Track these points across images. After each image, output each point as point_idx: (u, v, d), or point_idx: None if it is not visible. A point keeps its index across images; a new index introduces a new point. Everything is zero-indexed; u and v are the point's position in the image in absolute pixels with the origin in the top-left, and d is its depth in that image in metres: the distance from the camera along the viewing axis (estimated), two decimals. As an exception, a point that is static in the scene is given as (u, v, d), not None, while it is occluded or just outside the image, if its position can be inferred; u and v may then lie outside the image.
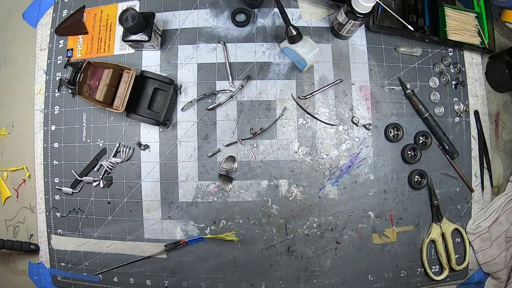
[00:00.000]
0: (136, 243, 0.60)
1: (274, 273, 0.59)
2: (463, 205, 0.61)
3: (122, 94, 0.55)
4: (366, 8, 0.50)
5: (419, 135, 0.60)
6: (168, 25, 0.61)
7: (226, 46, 0.60)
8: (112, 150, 0.60)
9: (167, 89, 0.57)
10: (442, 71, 0.62)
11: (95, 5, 0.63)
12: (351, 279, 0.59)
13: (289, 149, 0.59)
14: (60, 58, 0.63)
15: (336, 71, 0.60)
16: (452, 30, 0.61)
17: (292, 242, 0.59)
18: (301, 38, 0.55)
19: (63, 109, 0.62)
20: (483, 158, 0.62)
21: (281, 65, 0.60)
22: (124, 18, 0.53)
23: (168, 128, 0.60)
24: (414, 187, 0.59)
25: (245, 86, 0.59)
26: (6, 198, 0.63)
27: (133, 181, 0.60)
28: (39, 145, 0.62)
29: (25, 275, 0.63)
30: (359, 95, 0.60)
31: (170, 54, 0.61)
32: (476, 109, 0.62)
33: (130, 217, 0.60)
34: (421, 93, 0.61)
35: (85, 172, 0.60)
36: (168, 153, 0.60)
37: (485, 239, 0.59)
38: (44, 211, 0.62)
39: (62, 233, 0.61)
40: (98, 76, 0.55)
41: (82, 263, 0.61)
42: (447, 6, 0.61)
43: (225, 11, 0.61)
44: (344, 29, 0.56)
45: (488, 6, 0.62)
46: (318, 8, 0.62)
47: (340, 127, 0.60)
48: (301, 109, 0.60)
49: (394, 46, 0.61)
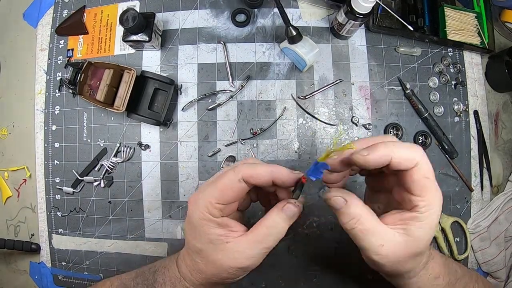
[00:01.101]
0: (137, 242, 0.60)
1: (274, 272, 0.59)
2: (462, 204, 0.61)
3: (123, 94, 0.55)
4: (365, 8, 0.51)
5: (419, 135, 0.60)
6: (168, 25, 0.62)
7: (226, 46, 0.60)
8: (113, 150, 0.60)
9: (168, 89, 0.57)
10: (442, 71, 0.62)
11: (95, 5, 0.63)
12: (351, 279, 0.59)
13: (289, 148, 0.60)
14: (61, 58, 0.63)
15: (336, 71, 0.61)
16: (452, 30, 0.61)
17: (292, 241, 0.59)
18: (301, 38, 0.55)
19: (63, 109, 0.62)
20: (483, 158, 0.62)
21: (281, 65, 0.60)
22: (124, 18, 0.53)
23: (169, 128, 0.60)
24: (413, 186, 0.59)
25: (245, 86, 0.60)
26: (7, 198, 0.64)
27: (134, 181, 0.60)
28: (40, 145, 0.62)
29: (26, 274, 0.63)
30: (358, 95, 0.60)
31: (170, 54, 0.61)
32: (475, 109, 0.62)
33: (131, 216, 0.60)
34: (420, 93, 0.61)
35: (86, 172, 0.61)
36: (168, 153, 0.60)
37: (484, 238, 0.60)
38: (45, 211, 0.62)
39: (63, 233, 0.61)
40: (99, 76, 0.55)
41: (83, 263, 0.61)
42: (447, 6, 0.61)
43: (225, 11, 0.62)
44: (344, 29, 0.57)
45: (488, 6, 0.63)
46: (318, 8, 0.62)
47: (340, 127, 0.60)
48: (301, 109, 0.60)
49: (394, 46, 0.61)
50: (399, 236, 0.33)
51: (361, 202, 0.34)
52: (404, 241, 0.33)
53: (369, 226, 0.33)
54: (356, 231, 0.33)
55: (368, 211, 0.34)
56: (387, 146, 0.32)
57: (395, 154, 0.32)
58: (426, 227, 0.33)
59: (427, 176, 0.32)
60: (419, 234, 0.33)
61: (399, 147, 0.32)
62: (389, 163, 0.32)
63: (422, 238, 0.34)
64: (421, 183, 0.32)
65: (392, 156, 0.32)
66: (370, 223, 0.33)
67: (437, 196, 0.34)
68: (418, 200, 0.33)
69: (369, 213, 0.34)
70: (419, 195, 0.33)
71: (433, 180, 0.33)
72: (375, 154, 0.32)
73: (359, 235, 0.33)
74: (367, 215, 0.33)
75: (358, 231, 0.33)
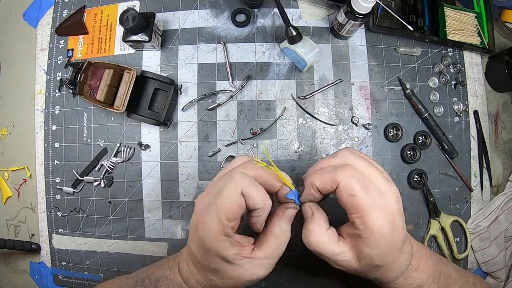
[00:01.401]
0: (137, 242, 0.60)
1: (274, 272, 0.59)
2: (462, 204, 0.61)
3: (123, 94, 0.55)
4: (365, 8, 0.51)
5: (419, 135, 0.60)
6: (168, 26, 0.62)
7: (226, 46, 0.60)
8: (113, 150, 0.60)
9: (168, 89, 0.57)
10: (442, 71, 0.62)
11: (95, 5, 0.63)
12: (351, 278, 0.59)
13: (289, 148, 0.60)
14: (61, 58, 0.63)
15: (336, 71, 0.61)
16: (452, 30, 0.61)
17: (292, 241, 0.59)
18: (301, 39, 0.55)
19: (63, 109, 0.62)
20: (483, 158, 0.62)
21: (281, 65, 0.60)
22: (124, 18, 0.53)
23: (169, 128, 0.60)
24: (413, 186, 0.59)
25: (245, 86, 0.60)
26: (7, 198, 0.64)
27: (134, 181, 0.60)
28: (40, 145, 0.62)
29: (27, 274, 0.63)
30: (358, 95, 0.60)
31: (170, 54, 0.61)
32: (475, 109, 0.62)
33: (131, 216, 0.60)
34: (420, 93, 0.61)
35: (86, 172, 0.61)
36: (168, 153, 0.60)
37: (484, 238, 0.60)
38: (45, 211, 0.62)
39: (63, 233, 0.62)
40: (99, 76, 0.55)
41: (83, 262, 0.61)
42: (446, 6, 0.61)
43: (225, 11, 0.62)
44: (344, 29, 0.57)
45: (488, 6, 0.63)
46: (318, 8, 0.62)
47: (339, 127, 0.60)
48: (301, 109, 0.60)
49: (393, 46, 0.61)
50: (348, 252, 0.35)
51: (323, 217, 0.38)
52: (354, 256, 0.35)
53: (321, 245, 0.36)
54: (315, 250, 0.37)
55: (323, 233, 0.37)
56: (311, 175, 0.36)
57: (317, 182, 0.35)
58: (370, 244, 0.33)
59: (352, 194, 0.32)
60: (365, 251, 0.34)
61: (319, 174, 0.35)
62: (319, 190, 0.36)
63: (370, 254, 0.34)
64: (349, 201, 0.33)
65: (316, 184, 0.35)
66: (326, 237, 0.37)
67: (374, 212, 0.32)
68: (353, 217, 0.33)
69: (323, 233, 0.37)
70: (352, 213, 0.33)
71: (362, 196, 0.32)
72: (305, 193, 0.38)
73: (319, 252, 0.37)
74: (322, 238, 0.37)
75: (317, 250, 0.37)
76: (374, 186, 0.33)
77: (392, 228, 0.33)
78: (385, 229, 0.32)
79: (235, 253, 0.35)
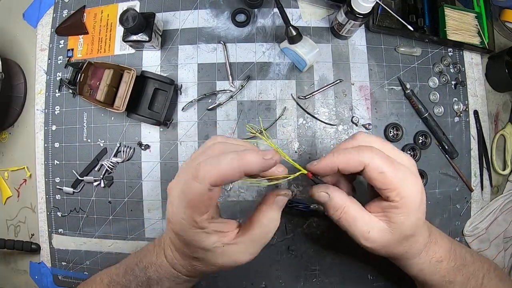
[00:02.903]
0: (137, 242, 0.60)
1: (274, 272, 0.59)
2: (462, 204, 0.61)
3: (123, 94, 0.55)
4: (365, 8, 0.51)
5: (419, 135, 0.60)
6: (168, 25, 0.62)
7: (226, 46, 0.60)
8: (113, 150, 0.60)
9: (168, 89, 0.57)
10: (442, 71, 0.62)
11: (95, 5, 0.63)
12: (351, 279, 0.59)
13: (289, 148, 0.60)
14: (61, 58, 0.63)
15: (336, 71, 0.61)
16: (452, 30, 0.61)
17: (292, 241, 0.59)
18: (301, 38, 0.55)
19: (63, 109, 0.62)
20: (483, 158, 0.62)
21: (281, 65, 0.60)
22: (124, 18, 0.53)
23: (169, 128, 0.60)
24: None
25: (245, 86, 0.60)
26: (7, 198, 0.64)
27: (134, 181, 0.60)
28: (40, 145, 0.62)
29: (26, 274, 0.63)
30: (358, 95, 0.60)
31: (170, 54, 0.61)
32: (475, 109, 0.62)
33: (130, 216, 0.60)
34: (420, 93, 0.61)
35: (86, 172, 0.61)
36: (168, 153, 0.60)
37: (483, 240, 0.60)
38: (45, 211, 0.62)
39: (63, 233, 0.61)
40: (99, 76, 0.55)
41: (83, 262, 0.61)
42: (446, 6, 0.61)
43: (225, 11, 0.62)
44: (344, 29, 0.57)
45: (488, 6, 0.63)
46: (318, 8, 0.62)
47: (340, 127, 0.60)
48: (301, 109, 0.60)
49: (394, 46, 0.61)
50: (383, 222, 0.36)
51: (344, 194, 0.37)
52: (388, 226, 0.36)
53: (354, 214, 0.36)
54: (343, 220, 0.36)
55: (351, 201, 0.37)
56: (333, 155, 0.35)
57: (340, 163, 0.35)
58: (404, 212, 0.35)
59: (382, 171, 0.34)
60: (400, 220, 0.35)
61: (343, 154, 0.35)
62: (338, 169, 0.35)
63: (404, 224, 0.35)
64: (379, 178, 0.34)
65: (337, 164, 0.35)
66: (354, 211, 0.36)
67: (407, 183, 0.34)
68: (386, 192, 0.35)
69: (352, 202, 0.37)
70: (384, 188, 0.35)
71: (391, 171, 0.34)
72: (321, 164, 0.36)
73: (346, 223, 0.37)
74: (351, 205, 0.36)
75: (345, 220, 0.36)
76: (397, 162, 0.35)
77: (421, 196, 0.35)
78: (418, 197, 0.35)
79: (214, 241, 0.34)
